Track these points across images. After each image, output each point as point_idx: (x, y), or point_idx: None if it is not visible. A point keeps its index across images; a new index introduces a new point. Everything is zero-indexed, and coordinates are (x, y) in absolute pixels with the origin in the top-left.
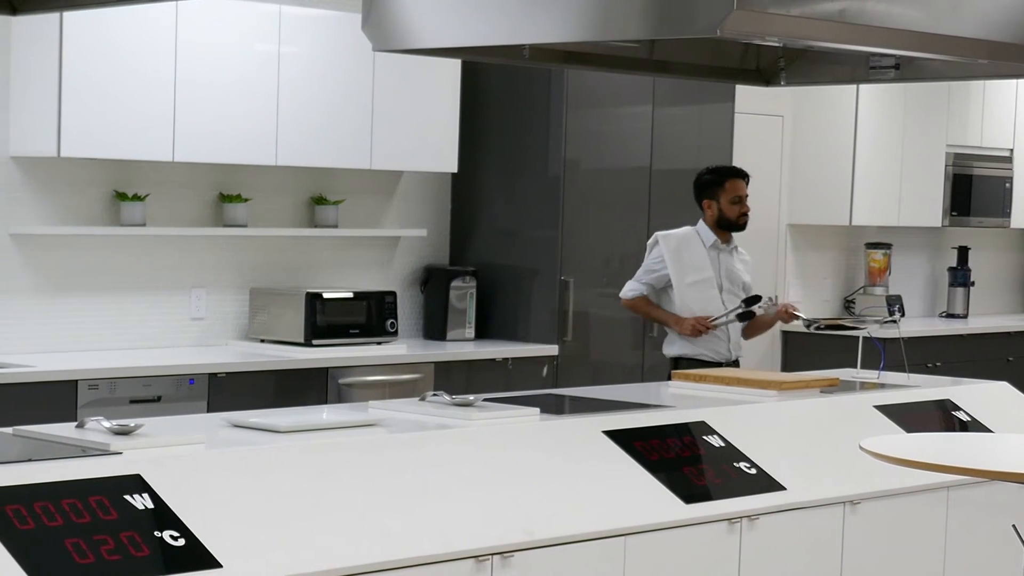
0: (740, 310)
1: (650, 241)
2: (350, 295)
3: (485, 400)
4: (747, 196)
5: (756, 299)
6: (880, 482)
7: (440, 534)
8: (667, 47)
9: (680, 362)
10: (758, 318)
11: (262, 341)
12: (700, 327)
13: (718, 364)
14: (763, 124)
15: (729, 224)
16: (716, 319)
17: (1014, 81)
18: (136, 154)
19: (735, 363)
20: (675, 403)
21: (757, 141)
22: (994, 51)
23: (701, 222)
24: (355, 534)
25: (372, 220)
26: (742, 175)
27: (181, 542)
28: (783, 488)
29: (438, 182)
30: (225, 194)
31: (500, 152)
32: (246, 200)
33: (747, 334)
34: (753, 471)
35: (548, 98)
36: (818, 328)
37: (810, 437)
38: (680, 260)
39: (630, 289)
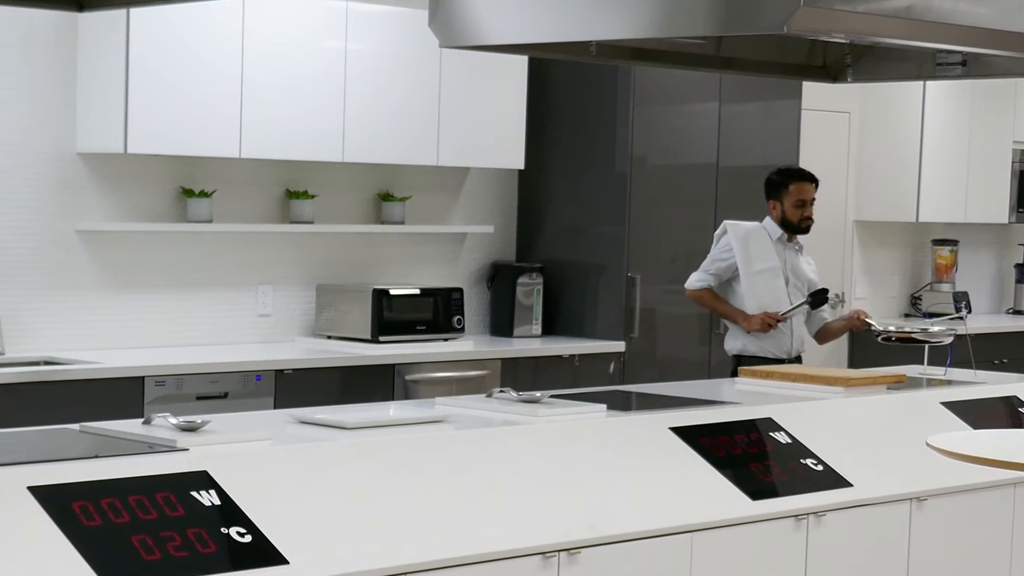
0: (808, 300)
1: (718, 231)
2: (417, 292)
3: (552, 396)
4: (813, 200)
5: (823, 292)
6: (947, 479)
7: (506, 530)
8: (734, 44)
9: (742, 358)
10: (830, 324)
11: (329, 338)
12: (769, 320)
13: (780, 360)
14: (830, 121)
15: (790, 226)
16: (785, 312)
17: None
18: (203, 150)
19: (797, 359)
20: (742, 400)
21: (824, 138)
22: None
23: (768, 219)
24: (421, 530)
25: (439, 216)
26: (809, 178)
27: (248, 538)
28: (850, 485)
29: (505, 178)
30: (292, 190)
31: (567, 148)
32: (313, 196)
33: (820, 340)
34: (819, 468)
35: (615, 94)
36: (886, 339)
37: (877, 434)
38: (748, 249)
39: (696, 280)
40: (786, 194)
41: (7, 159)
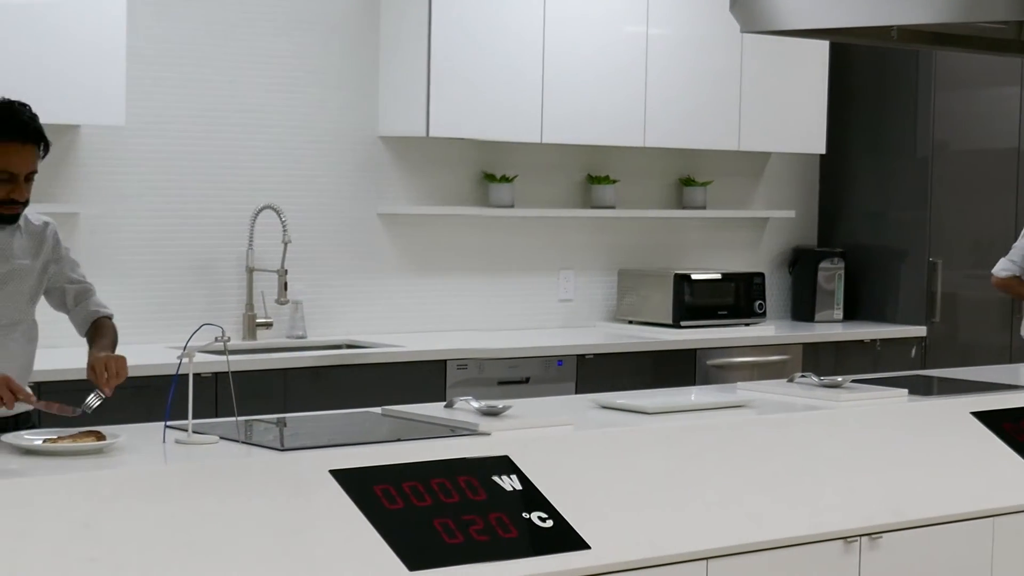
0: None
1: None
2: (718, 276)
3: (853, 381)
4: None
5: None
6: None
7: (808, 515)
8: None
9: None
10: None
11: (630, 322)
12: None
13: None
14: None
15: None
16: None
17: None
18: (504, 135)
19: None
20: None
21: None
22: None
23: None
24: (722, 516)
25: (740, 201)
26: None
27: (549, 523)
28: None
29: (806, 163)
30: (593, 175)
31: (868, 133)
32: (614, 182)
33: None
34: None
35: (916, 79)
36: None
37: None
38: None
39: (1002, 268)
40: None
41: (311, 143)
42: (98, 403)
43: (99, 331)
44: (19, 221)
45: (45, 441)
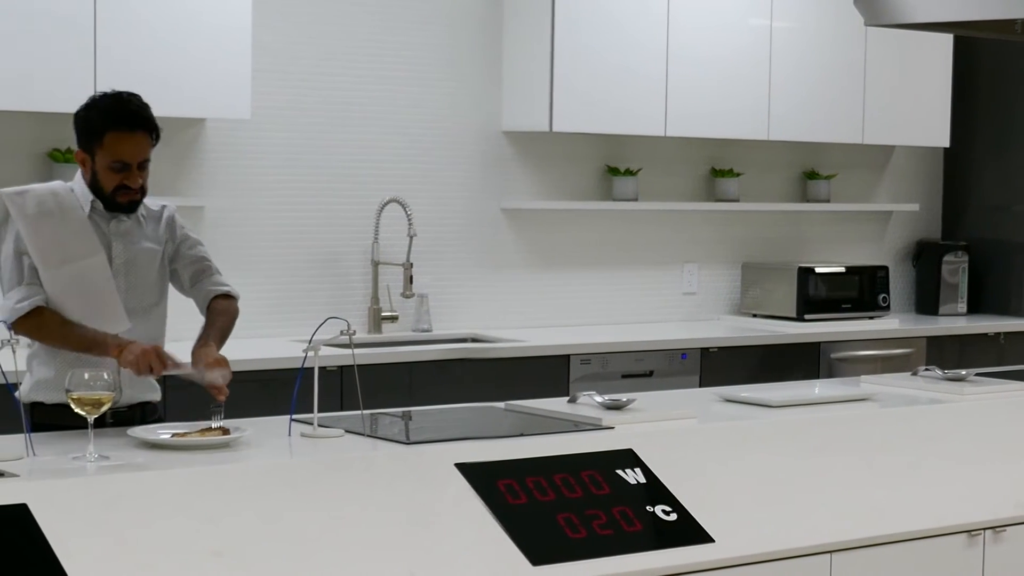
0: None
1: None
2: (842, 270)
3: (977, 375)
4: None
5: None
6: None
7: (931, 508)
8: None
9: None
10: None
11: (754, 316)
12: None
13: None
14: None
15: None
16: None
17: None
18: (628, 129)
19: None
20: None
21: None
22: None
23: None
24: (846, 509)
25: (864, 195)
26: None
27: (673, 517)
28: None
29: (930, 156)
30: (717, 169)
31: (992, 126)
32: (738, 175)
33: None
34: None
35: None
36: None
37: None
38: None
39: None
40: None
41: (435, 137)
42: (221, 410)
43: (209, 317)
44: (139, 211)
45: (173, 435)
